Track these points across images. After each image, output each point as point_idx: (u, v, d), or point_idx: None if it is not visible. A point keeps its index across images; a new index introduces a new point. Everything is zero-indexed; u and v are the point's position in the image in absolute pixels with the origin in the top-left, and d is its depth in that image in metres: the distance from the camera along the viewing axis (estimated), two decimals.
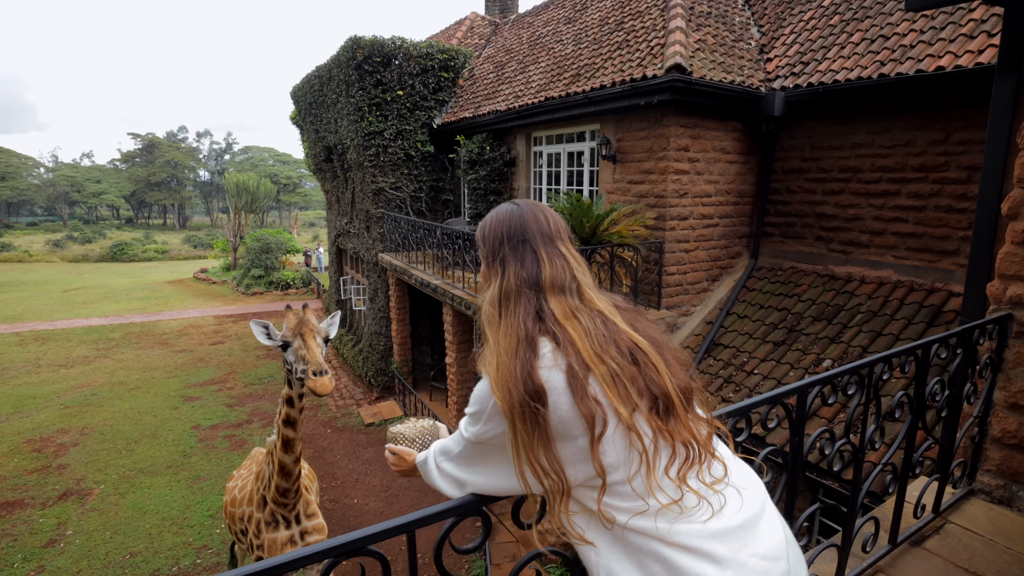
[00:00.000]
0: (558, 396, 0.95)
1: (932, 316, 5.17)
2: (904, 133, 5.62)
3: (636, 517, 0.95)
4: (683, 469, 0.97)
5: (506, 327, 1.04)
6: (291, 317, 3.15)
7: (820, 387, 1.58)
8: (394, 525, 0.91)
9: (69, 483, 8.80)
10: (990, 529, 2.27)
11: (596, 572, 1.00)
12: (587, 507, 0.99)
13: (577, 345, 0.99)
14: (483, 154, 9.23)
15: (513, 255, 1.12)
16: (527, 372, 0.96)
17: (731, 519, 0.97)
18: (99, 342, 17.18)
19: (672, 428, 0.98)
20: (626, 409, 0.96)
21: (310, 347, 3.00)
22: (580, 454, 0.96)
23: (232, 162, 78.24)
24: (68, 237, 50.37)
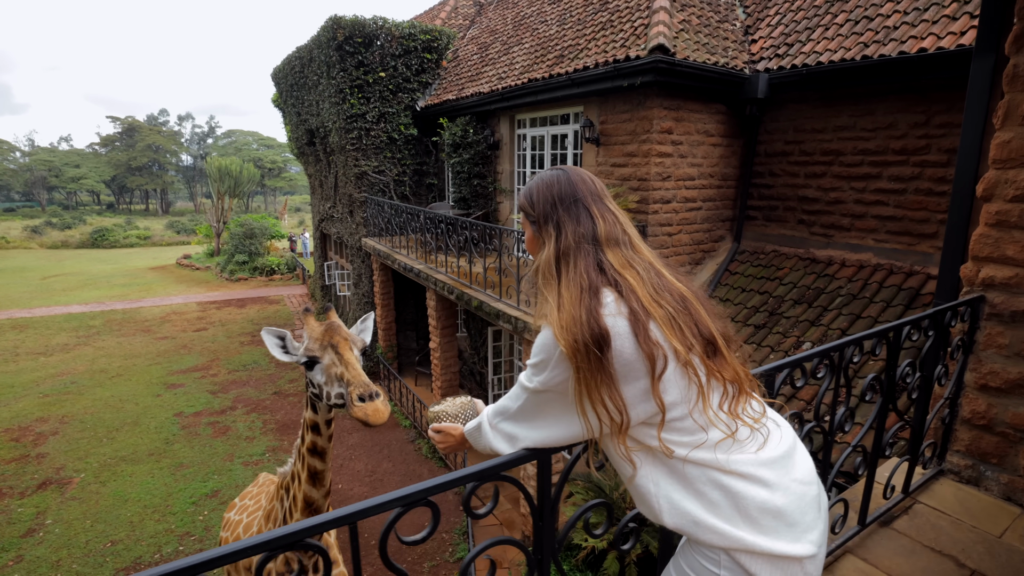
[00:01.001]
0: (622, 341, 1.01)
1: (910, 299, 5.21)
2: (886, 116, 5.61)
3: (696, 450, 1.03)
4: (732, 404, 1.07)
5: (568, 280, 1.09)
6: (314, 324, 2.35)
7: (789, 370, 1.56)
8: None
9: (48, 472, 8.69)
10: (958, 508, 2.29)
11: (656, 502, 1.07)
12: (645, 444, 1.06)
13: (637, 292, 1.06)
14: (467, 137, 9.10)
15: (568, 215, 1.17)
16: (592, 317, 1.02)
17: (775, 449, 1.08)
18: (79, 330, 16.90)
19: (720, 367, 1.08)
20: (684, 348, 1.03)
21: (349, 362, 2.22)
22: (642, 394, 1.03)
23: (215, 146, 76.82)
24: (47, 223, 49.31)
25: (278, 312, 18.90)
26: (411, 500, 0.93)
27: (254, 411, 10.85)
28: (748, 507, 1.01)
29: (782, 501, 1.02)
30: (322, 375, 2.26)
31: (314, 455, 2.53)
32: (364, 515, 0.89)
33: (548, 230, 1.19)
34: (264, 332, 2.29)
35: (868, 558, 2.00)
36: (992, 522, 2.20)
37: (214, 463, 8.90)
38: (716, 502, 1.02)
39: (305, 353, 2.28)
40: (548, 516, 1.11)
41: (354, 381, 2.16)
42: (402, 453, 9.04)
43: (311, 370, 2.29)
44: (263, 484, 3.70)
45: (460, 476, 0.99)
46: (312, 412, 2.47)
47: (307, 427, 2.53)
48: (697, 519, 1.02)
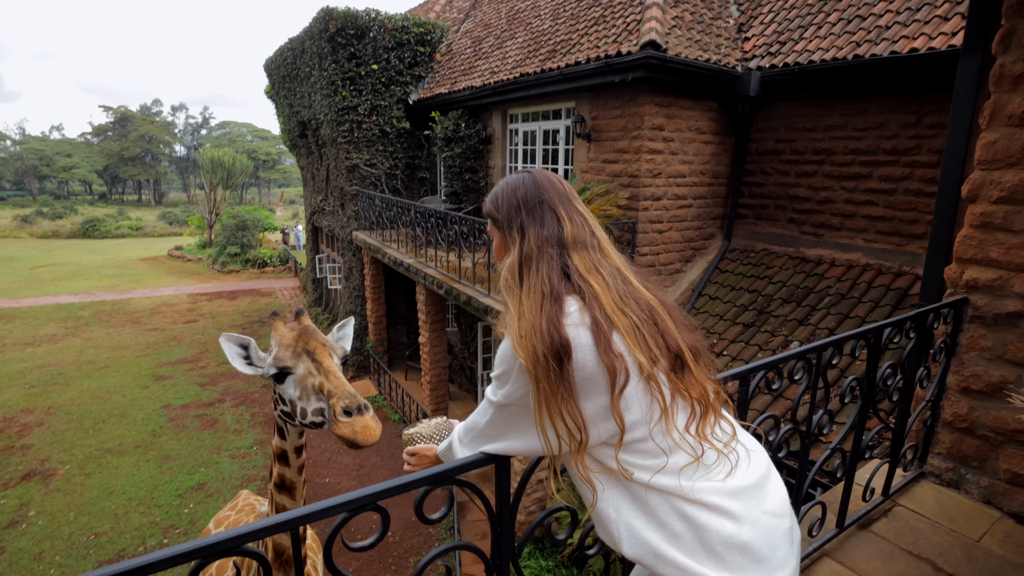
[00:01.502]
0: (584, 353, 0.95)
1: (898, 299, 5.21)
2: (877, 116, 5.59)
3: (659, 475, 0.97)
4: (700, 425, 1.01)
5: (529, 286, 1.04)
6: (283, 330, 1.94)
7: (764, 372, 1.53)
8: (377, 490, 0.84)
9: (33, 463, 8.61)
10: (937, 512, 2.28)
11: (615, 529, 1.00)
12: (606, 465, 1.00)
13: (601, 299, 1.00)
14: (458, 131, 9.04)
15: (531, 218, 1.12)
16: (552, 326, 0.96)
17: (745, 478, 1.01)
18: (68, 320, 16.76)
19: (688, 384, 1.02)
20: (648, 361, 0.97)
21: (329, 370, 1.83)
22: (603, 411, 0.97)
23: (209, 137, 76.20)
24: (37, 213, 48.78)
25: (269, 304, 18.79)
26: (359, 504, 0.89)
27: (242, 404, 10.79)
28: (712, 541, 0.94)
29: (749, 535, 0.96)
30: (296, 388, 1.83)
31: (282, 491, 2.05)
32: (308, 520, 0.85)
33: (512, 235, 1.14)
34: (223, 339, 1.86)
35: (845, 561, 1.98)
36: (971, 526, 2.19)
37: (201, 456, 8.85)
38: (679, 534, 0.96)
39: (274, 363, 1.84)
40: (507, 521, 1.07)
41: (337, 391, 1.75)
42: (391, 447, 9.00)
43: (282, 383, 1.85)
44: (241, 509, 3.25)
45: (412, 480, 0.95)
46: (280, 438, 2.00)
47: (275, 457, 2.05)
48: (658, 551, 0.96)
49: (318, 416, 1.81)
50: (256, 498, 3.34)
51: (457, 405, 10.33)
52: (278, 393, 1.90)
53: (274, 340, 1.90)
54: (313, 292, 16.08)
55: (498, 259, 1.21)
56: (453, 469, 1.00)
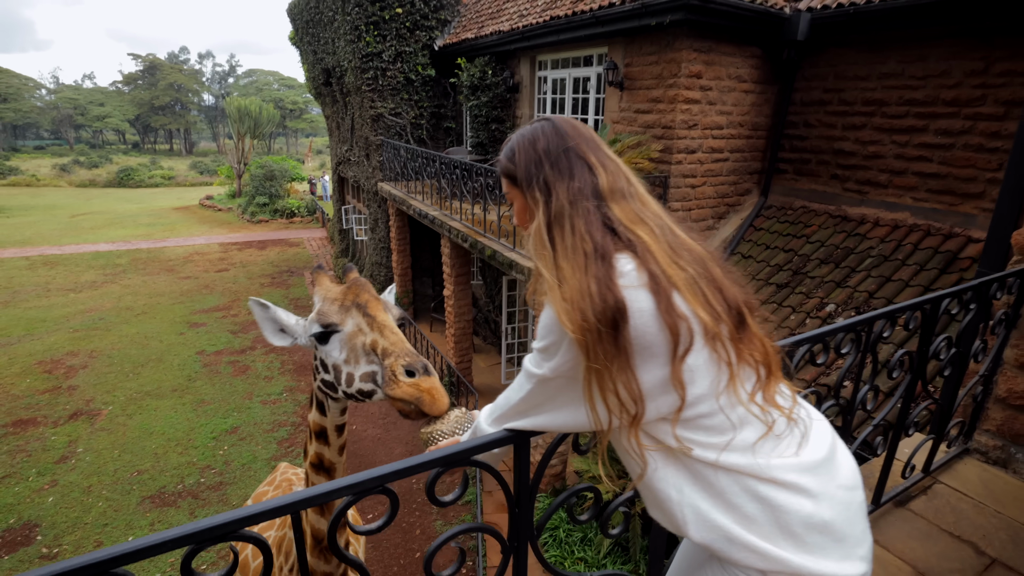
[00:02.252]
0: (645, 318, 0.84)
1: (947, 263, 4.92)
2: (939, 62, 5.13)
3: (727, 452, 0.88)
4: (766, 392, 0.92)
5: (566, 248, 0.92)
6: (328, 284, 1.65)
7: (810, 345, 1.41)
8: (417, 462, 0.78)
9: (79, 404, 9.05)
10: (981, 491, 2.16)
11: (679, 512, 0.92)
12: (663, 442, 0.90)
13: (654, 252, 0.89)
14: (485, 79, 8.71)
15: (557, 171, 0.99)
16: (604, 287, 0.85)
17: (816, 450, 0.94)
18: (106, 267, 17.29)
19: (750, 345, 0.92)
20: (712, 320, 0.87)
21: (384, 324, 1.51)
22: (664, 383, 0.87)
23: (236, 86, 75.91)
24: (75, 162, 49.88)
25: (297, 255, 19.04)
26: (364, 488, 0.83)
27: (273, 352, 11.06)
28: (791, 522, 0.87)
29: (828, 513, 0.88)
30: (342, 349, 1.50)
31: (320, 472, 1.81)
32: (307, 504, 0.79)
33: (535, 194, 1.00)
34: (252, 302, 1.60)
35: (880, 540, 1.90)
36: (1018, 507, 2.07)
37: (234, 401, 9.16)
38: (752, 516, 0.88)
39: (318, 319, 1.52)
40: (525, 504, 1.00)
41: (395, 348, 1.43)
42: None
43: (325, 344, 1.53)
44: (279, 485, 3.03)
45: (423, 462, 0.88)
46: (319, 412, 1.73)
47: (312, 434, 1.80)
48: (730, 535, 0.88)
49: (368, 382, 1.46)
50: (295, 471, 3.14)
51: (480, 358, 10.41)
52: (319, 359, 1.59)
53: (318, 295, 1.62)
54: (340, 243, 16.18)
55: (520, 224, 1.07)
56: (469, 449, 0.92)
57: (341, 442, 1.78)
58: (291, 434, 8.17)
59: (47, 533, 6.20)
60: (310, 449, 1.81)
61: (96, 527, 6.30)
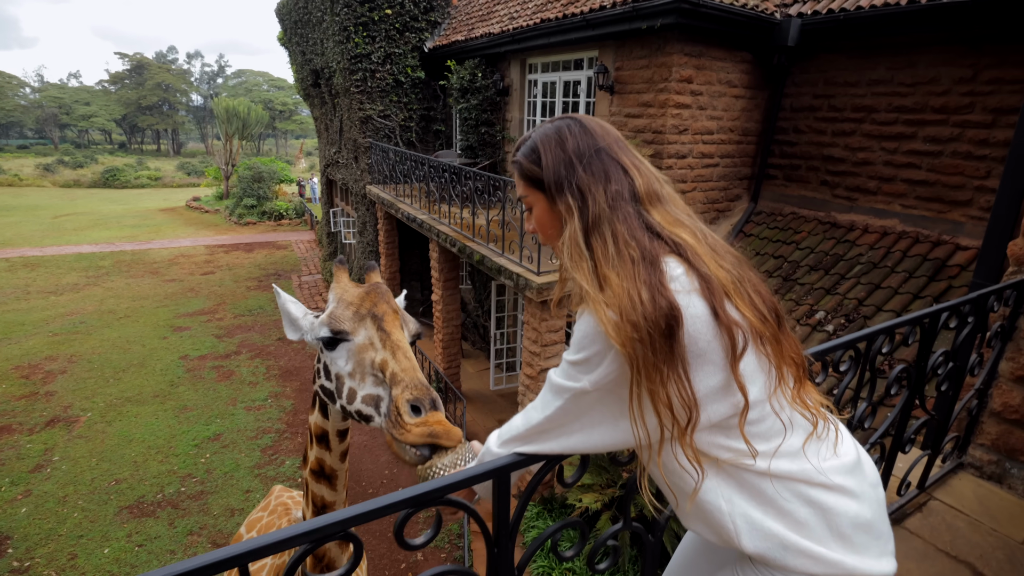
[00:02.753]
0: (699, 324, 0.82)
1: (935, 270, 4.91)
2: (928, 69, 5.14)
3: (778, 459, 0.87)
4: (803, 394, 0.92)
5: (608, 255, 0.87)
6: (346, 283, 1.51)
7: (808, 364, 1.34)
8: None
9: (56, 410, 8.83)
10: (977, 507, 2.11)
11: (730, 523, 0.89)
12: (709, 455, 0.88)
13: (701, 255, 0.87)
14: (475, 82, 8.64)
15: (591, 174, 0.93)
16: (657, 292, 0.81)
17: (849, 450, 0.94)
18: (89, 270, 16.98)
19: (788, 344, 0.91)
20: (759, 322, 0.86)
21: (398, 345, 1.36)
22: (720, 389, 0.84)
23: (225, 86, 75.35)
24: (59, 161, 49.16)
25: (285, 257, 18.83)
26: (324, 535, 0.74)
27: (258, 356, 10.90)
28: (841, 524, 0.87)
29: (869, 512, 0.89)
30: (349, 361, 1.37)
31: (320, 480, 1.67)
32: (256, 556, 0.70)
33: (565, 199, 0.93)
34: (280, 295, 1.53)
35: None
36: (1015, 525, 2.02)
37: (217, 407, 8.99)
38: (805, 521, 0.86)
39: (328, 323, 1.38)
40: (505, 543, 0.92)
41: (404, 377, 1.26)
42: None
43: (332, 350, 1.40)
44: (274, 510, 2.84)
45: (391, 503, 0.79)
46: (321, 415, 1.59)
47: (313, 437, 1.65)
48: (787, 542, 0.86)
49: (369, 406, 1.32)
50: (290, 495, 2.98)
51: (469, 363, 10.31)
52: (323, 362, 1.46)
53: (334, 294, 1.49)
54: (328, 246, 16.01)
55: (542, 233, 1.00)
56: (445, 488, 0.84)
57: (343, 448, 1.65)
58: (275, 441, 8.02)
59: (19, 545, 6.01)
60: (310, 454, 1.68)
61: (71, 538, 6.12)
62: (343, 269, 1.56)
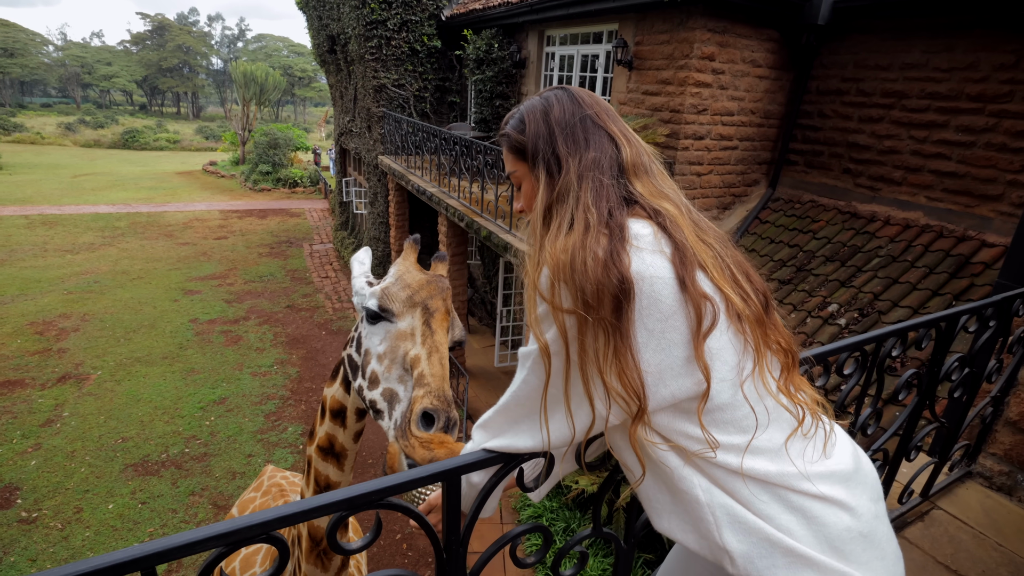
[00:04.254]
0: (661, 287, 0.75)
1: (957, 267, 4.71)
2: (967, 54, 4.85)
3: (752, 456, 0.77)
4: (789, 383, 0.84)
5: (560, 224, 0.82)
6: (412, 265, 1.43)
7: (808, 367, 1.23)
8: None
9: (68, 367, 8.98)
10: (983, 520, 2.00)
11: (708, 515, 0.80)
12: (674, 441, 0.80)
13: (681, 226, 0.81)
14: (491, 52, 8.40)
15: (570, 143, 0.87)
16: (609, 259, 0.74)
17: (844, 458, 0.85)
18: (105, 230, 17.15)
19: (774, 329, 0.84)
20: (739, 299, 0.80)
21: (436, 347, 1.28)
22: (681, 365, 0.76)
23: (245, 50, 74.92)
24: (80, 121, 49.47)
25: (298, 225, 18.85)
26: (240, 538, 0.67)
27: (266, 323, 10.96)
28: (831, 534, 0.77)
29: (866, 527, 0.80)
30: (383, 343, 1.31)
31: (328, 458, 1.55)
32: (162, 559, 0.63)
33: (538, 171, 0.88)
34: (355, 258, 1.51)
35: None
36: (1022, 540, 1.91)
37: (224, 371, 9.08)
38: (787, 527, 0.77)
39: (380, 298, 1.32)
40: (455, 549, 0.84)
41: (430, 381, 1.20)
42: None
43: (373, 324, 1.34)
44: (267, 491, 2.68)
45: (323, 504, 0.71)
46: (343, 388, 1.48)
47: (326, 412, 1.53)
48: (772, 538, 0.76)
49: (385, 400, 1.25)
50: (283, 475, 2.81)
51: (475, 339, 10.28)
52: (359, 333, 1.40)
53: (396, 269, 1.42)
54: (340, 215, 15.97)
55: (528, 210, 0.93)
56: (385, 489, 0.75)
57: (359, 427, 1.53)
58: (279, 408, 8.09)
59: (27, 497, 6.15)
60: (319, 429, 1.56)
61: (77, 493, 6.25)
62: (415, 248, 1.47)
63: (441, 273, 1.46)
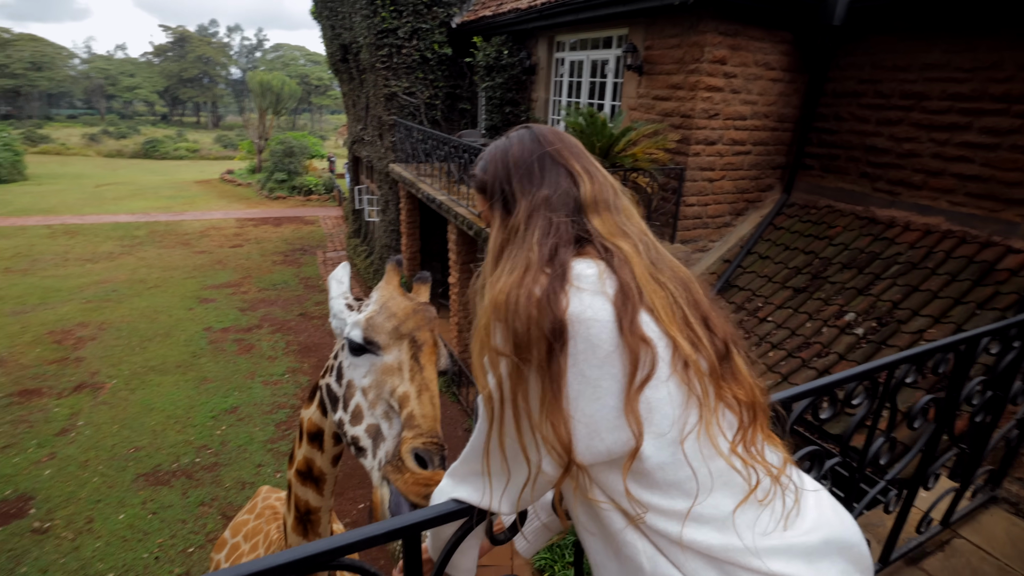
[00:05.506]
0: (600, 330, 0.70)
1: (981, 274, 4.52)
2: (990, 53, 4.68)
3: (693, 526, 0.70)
4: (748, 441, 0.75)
5: (504, 267, 0.79)
6: (395, 290, 1.35)
7: (813, 399, 1.13)
8: None
9: (84, 376, 9.09)
10: (1008, 550, 1.87)
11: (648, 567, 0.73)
12: (617, 501, 0.73)
13: (632, 264, 0.77)
14: (500, 59, 8.37)
15: (525, 181, 0.85)
16: (545, 299, 0.70)
17: (812, 529, 0.75)
18: (124, 239, 17.44)
19: (734, 384, 0.76)
20: (688, 345, 0.73)
21: (426, 384, 1.21)
22: (612, 415, 0.70)
23: (263, 60, 76.16)
24: (104, 132, 50.60)
25: (312, 233, 19.00)
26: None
27: (279, 331, 11.02)
28: None
29: None
30: (367, 375, 1.22)
31: (307, 482, 1.50)
32: None
33: (495, 211, 0.87)
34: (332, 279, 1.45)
35: None
36: None
37: (236, 380, 9.13)
38: None
39: (363, 329, 1.23)
40: None
41: (421, 421, 1.12)
42: None
43: (356, 356, 1.25)
44: (261, 513, 2.61)
45: (266, 568, 0.64)
46: (320, 411, 1.42)
47: (304, 435, 1.48)
48: None
49: (369, 438, 1.17)
50: (278, 496, 2.79)
51: None
52: (339, 363, 1.31)
53: (378, 296, 1.32)
54: (353, 223, 16.05)
55: None
56: (339, 548, 0.68)
57: (338, 450, 1.48)
58: (290, 416, 8.10)
59: (41, 506, 6.21)
60: (298, 453, 1.52)
61: (89, 503, 6.29)
62: (396, 271, 1.39)
63: (424, 298, 1.40)
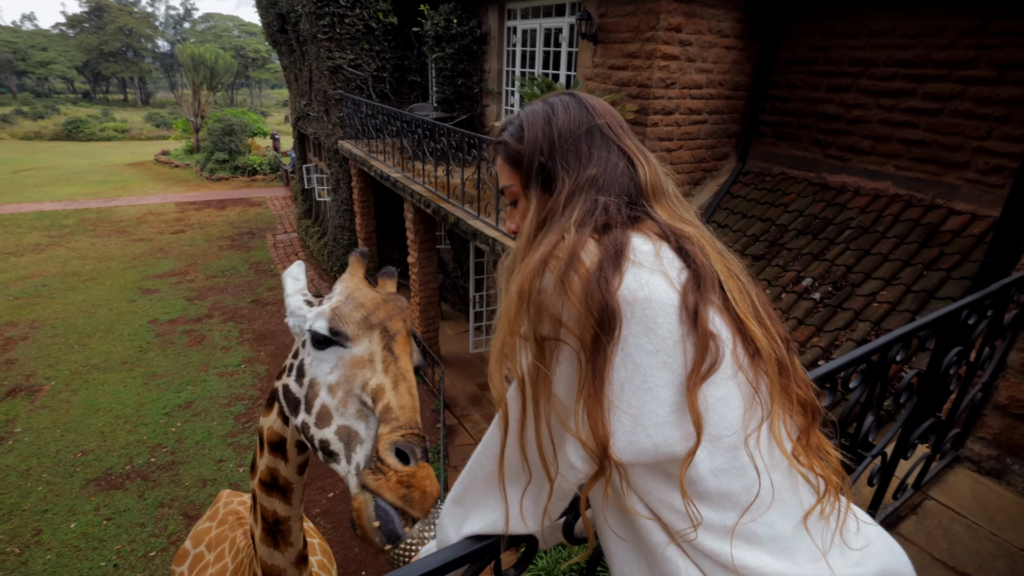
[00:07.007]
0: (663, 314, 0.62)
1: (927, 236, 4.72)
2: (933, 19, 4.80)
3: (744, 545, 0.61)
4: (807, 446, 0.69)
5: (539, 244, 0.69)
6: (360, 281, 1.26)
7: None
8: None
9: (18, 379, 8.49)
10: (975, 508, 1.96)
11: None
12: (660, 514, 0.64)
13: (706, 248, 0.70)
14: (450, 28, 8.06)
15: (571, 157, 0.74)
16: (596, 284, 0.61)
17: (866, 561, 0.67)
18: (52, 228, 16.24)
19: (795, 379, 0.70)
20: (765, 338, 0.66)
21: (401, 374, 1.10)
22: (663, 409, 0.61)
23: (193, 31, 71.48)
24: (17, 112, 46.58)
25: (259, 215, 18.20)
26: None
27: (231, 320, 10.57)
28: None
29: None
30: (334, 370, 1.11)
31: (272, 493, 1.39)
32: None
33: (530, 188, 0.76)
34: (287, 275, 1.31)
35: None
36: (1014, 528, 1.88)
37: (188, 373, 8.72)
38: None
39: (329, 318, 1.11)
40: None
41: (399, 414, 1.03)
42: None
43: (320, 350, 1.13)
44: (223, 520, 2.44)
45: None
46: (280, 419, 1.31)
47: (264, 444, 1.37)
48: None
49: (340, 441, 1.06)
50: (241, 500, 2.63)
51: (448, 325, 10.12)
52: (300, 360, 1.19)
53: (343, 287, 1.22)
54: (303, 203, 15.45)
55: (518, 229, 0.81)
56: None
57: (303, 459, 1.37)
58: (248, 408, 7.82)
59: None
60: (260, 463, 1.40)
61: (35, 514, 5.93)
62: (361, 262, 1.29)
63: (393, 291, 1.28)
